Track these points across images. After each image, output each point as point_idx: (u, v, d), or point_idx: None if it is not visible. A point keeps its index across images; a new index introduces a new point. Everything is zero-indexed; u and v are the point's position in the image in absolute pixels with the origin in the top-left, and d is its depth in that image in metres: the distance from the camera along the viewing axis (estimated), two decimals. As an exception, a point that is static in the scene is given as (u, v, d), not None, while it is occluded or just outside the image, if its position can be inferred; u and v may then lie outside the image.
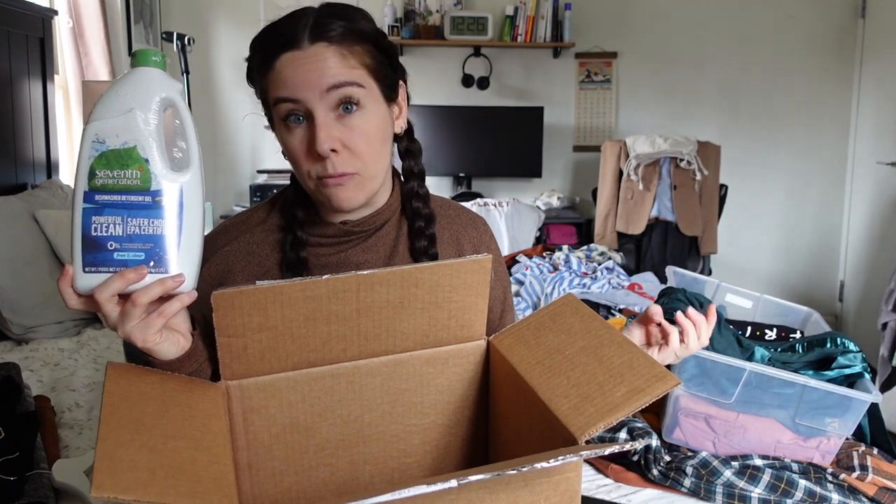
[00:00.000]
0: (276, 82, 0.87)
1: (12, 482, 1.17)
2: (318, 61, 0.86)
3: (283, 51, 0.86)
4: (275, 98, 0.88)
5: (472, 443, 0.89)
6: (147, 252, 0.70)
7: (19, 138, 2.54)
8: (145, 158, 0.70)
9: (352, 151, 0.88)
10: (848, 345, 1.37)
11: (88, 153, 0.69)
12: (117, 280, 0.69)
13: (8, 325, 2.07)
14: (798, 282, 4.15)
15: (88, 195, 0.69)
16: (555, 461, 0.57)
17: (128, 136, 0.69)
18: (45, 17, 2.68)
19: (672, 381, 0.68)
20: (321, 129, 0.86)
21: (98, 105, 0.70)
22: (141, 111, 0.70)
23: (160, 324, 0.72)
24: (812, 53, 3.96)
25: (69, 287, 0.70)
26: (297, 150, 0.89)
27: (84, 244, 0.69)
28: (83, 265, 0.69)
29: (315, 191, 0.91)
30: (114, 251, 0.70)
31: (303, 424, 0.80)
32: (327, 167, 0.88)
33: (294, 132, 0.88)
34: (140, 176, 0.70)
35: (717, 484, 1.17)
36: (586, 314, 0.80)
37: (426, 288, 0.77)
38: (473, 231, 1.08)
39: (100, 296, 0.69)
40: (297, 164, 0.90)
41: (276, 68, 0.87)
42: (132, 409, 0.65)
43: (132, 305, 0.70)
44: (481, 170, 3.97)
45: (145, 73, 0.71)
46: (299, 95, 0.86)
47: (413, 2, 3.84)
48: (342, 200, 0.90)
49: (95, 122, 0.69)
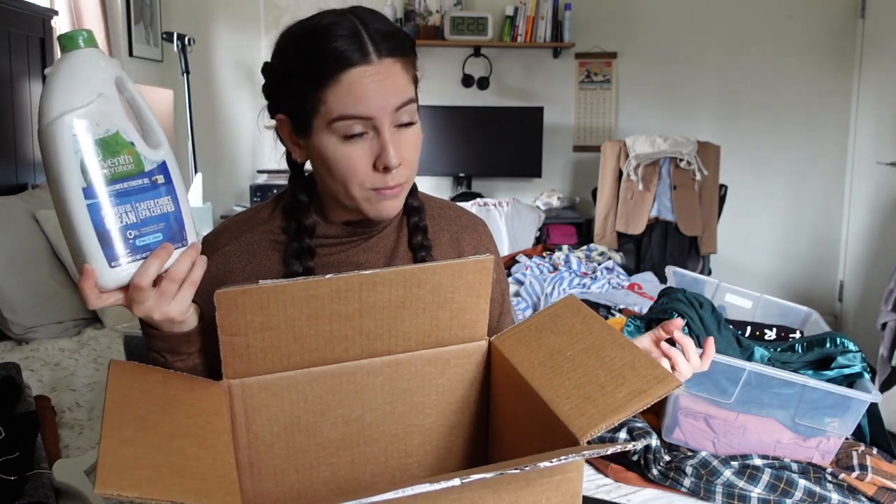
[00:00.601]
0: (345, 97, 0.85)
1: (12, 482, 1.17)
2: (389, 77, 0.86)
3: (352, 64, 0.84)
4: (342, 114, 0.85)
5: (473, 443, 0.89)
6: (163, 231, 0.72)
7: (19, 138, 2.54)
8: (130, 141, 0.68)
9: (407, 163, 0.90)
10: (847, 345, 1.37)
11: (72, 148, 0.65)
12: (154, 262, 0.71)
13: (8, 325, 2.07)
14: (798, 282, 4.15)
15: (88, 191, 0.66)
16: (556, 461, 0.57)
17: (108, 123, 0.66)
18: (45, 17, 2.68)
19: (673, 382, 0.68)
20: (390, 145, 0.86)
21: (53, 97, 0.64)
22: (107, 95, 0.66)
23: (192, 293, 0.77)
24: (812, 53, 3.96)
25: (94, 287, 0.70)
26: (353, 162, 0.87)
27: (102, 240, 0.68)
28: (108, 261, 0.69)
29: (362, 201, 0.90)
30: (135, 238, 0.70)
31: (304, 424, 0.80)
32: (388, 180, 0.88)
33: (353, 144, 0.87)
34: (132, 160, 0.68)
35: (717, 484, 1.17)
36: (587, 315, 0.80)
37: (428, 288, 0.77)
38: (473, 233, 1.08)
39: (143, 282, 0.71)
40: (348, 175, 0.88)
41: (345, 83, 0.84)
42: (135, 407, 0.65)
43: (171, 282, 0.73)
44: (481, 170, 3.97)
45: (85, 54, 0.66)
46: (372, 113, 0.85)
47: (413, 2, 3.84)
48: (391, 210, 0.92)
49: (66, 116, 0.64)
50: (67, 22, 2.89)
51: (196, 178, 3.29)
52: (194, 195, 3.22)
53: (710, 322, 1.40)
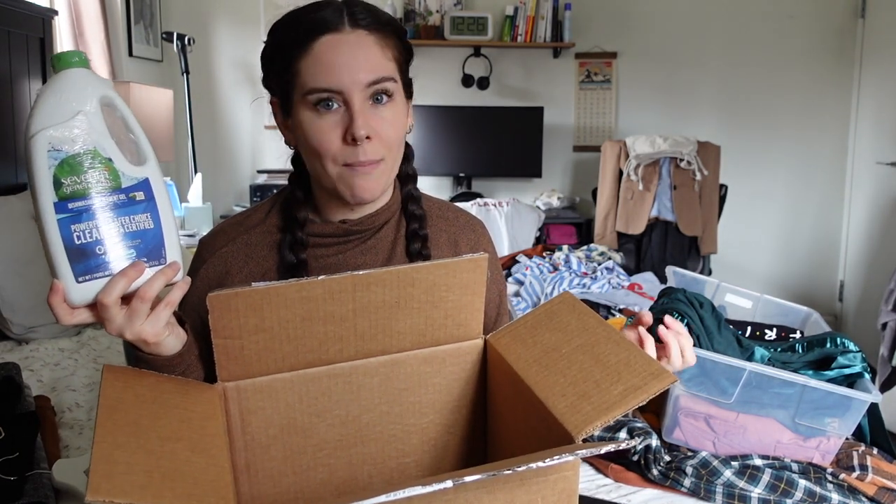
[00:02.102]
0: (314, 67, 0.86)
1: (12, 482, 1.17)
2: (359, 48, 0.86)
3: (322, 32, 0.86)
4: (313, 87, 0.86)
5: (471, 441, 0.89)
6: (137, 248, 0.70)
7: (19, 138, 2.54)
8: (108, 158, 0.68)
9: (381, 139, 0.89)
10: (848, 345, 1.37)
11: (46, 163, 0.66)
12: (120, 280, 0.68)
13: (8, 325, 2.07)
14: (798, 282, 4.14)
15: (60, 205, 0.66)
16: (551, 460, 0.56)
17: (84, 140, 0.67)
18: (45, 17, 2.68)
19: (669, 378, 0.68)
20: (359, 116, 0.86)
21: (38, 113, 0.67)
22: (86, 113, 0.67)
23: (168, 315, 0.73)
24: (812, 53, 3.96)
25: (63, 303, 0.68)
26: (324, 135, 0.88)
27: (70, 255, 0.67)
28: (75, 276, 0.67)
29: (337, 179, 0.90)
30: (104, 254, 0.68)
31: (300, 425, 0.80)
32: (358, 154, 0.88)
33: (324, 117, 0.87)
34: (108, 176, 0.68)
35: (717, 484, 1.17)
36: (583, 312, 0.80)
37: (422, 287, 0.77)
38: (471, 234, 1.08)
39: (107, 299, 0.68)
40: (320, 149, 0.88)
41: (315, 51, 0.86)
42: (128, 412, 0.64)
43: (140, 301, 0.70)
44: (481, 170, 3.97)
45: (73, 74, 0.69)
46: (340, 84, 0.86)
47: (413, 2, 3.84)
48: (365, 190, 0.90)
49: (45, 131, 0.66)
50: (67, 22, 2.89)
51: (196, 178, 3.29)
52: (194, 195, 3.22)
53: (710, 322, 1.40)
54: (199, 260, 0.98)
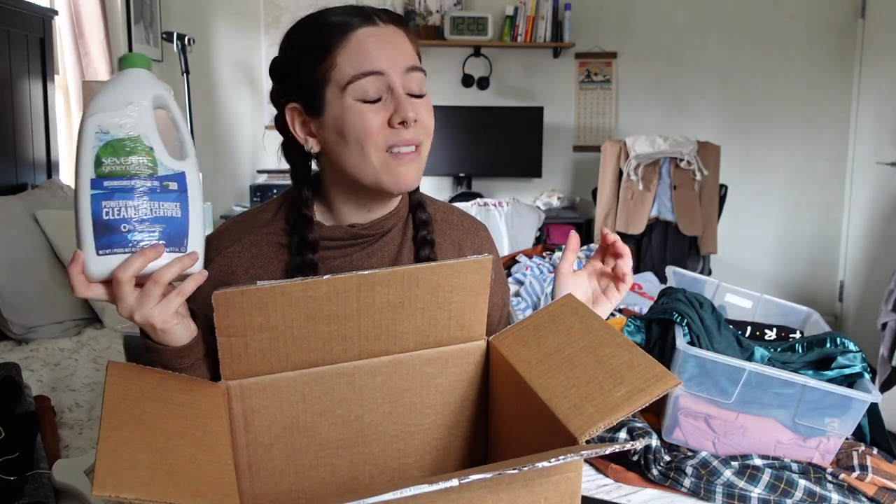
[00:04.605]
0: (355, 54, 0.89)
1: (12, 482, 1.17)
2: (396, 38, 0.91)
3: (359, 25, 0.90)
4: (355, 74, 0.88)
5: (472, 443, 0.89)
6: (161, 232, 0.72)
7: (19, 138, 2.54)
8: (150, 146, 0.72)
9: (423, 125, 0.92)
10: (848, 345, 1.37)
11: (92, 143, 0.70)
12: (138, 258, 0.70)
13: (8, 325, 2.07)
14: (798, 282, 4.15)
15: (96, 182, 0.70)
16: (555, 461, 0.57)
17: (131, 127, 0.71)
18: (45, 17, 2.68)
19: (672, 381, 0.68)
20: (404, 99, 0.89)
21: (96, 101, 0.72)
22: (139, 105, 0.72)
23: (179, 302, 0.74)
24: (812, 53, 3.96)
25: (80, 273, 0.70)
26: (371, 120, 0.89)
27: (96, 228, 0.70)
28: (97, 249, 0.70)
29: (381, 167, 0.91)
30: (127, 232, 0.71)
31: (303, 424, 0.80)
32: (403, 135, 0.90)
33: (368, 105, 0.89)
34: (147, 162, 0.71)
35: (717, 484, 1.17)
36: (586, 314, 0.80)
37: (426, 288, 0.77)
38: (475, 237, 1.08)
39: (122, 275, 0.70)
40: (366, 134, 0.89)
41: (354, 41, 0.89)
42: (133, 409, 0.65)
43: (154, 284, 0.71)
44: (481, 170, 3.97)
45: (136, 73, 0.75)
46: (383, 66, 0.88)
47: (413, 2, 3.85)
48: (408, 177, 0.92)
49: (97, 115, 0.71)
50: (67, 22, 2.89)
51: (196, 179, 3.29)
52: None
53: (710, 322, 1.40)
54: (204, 258, 0.98)
